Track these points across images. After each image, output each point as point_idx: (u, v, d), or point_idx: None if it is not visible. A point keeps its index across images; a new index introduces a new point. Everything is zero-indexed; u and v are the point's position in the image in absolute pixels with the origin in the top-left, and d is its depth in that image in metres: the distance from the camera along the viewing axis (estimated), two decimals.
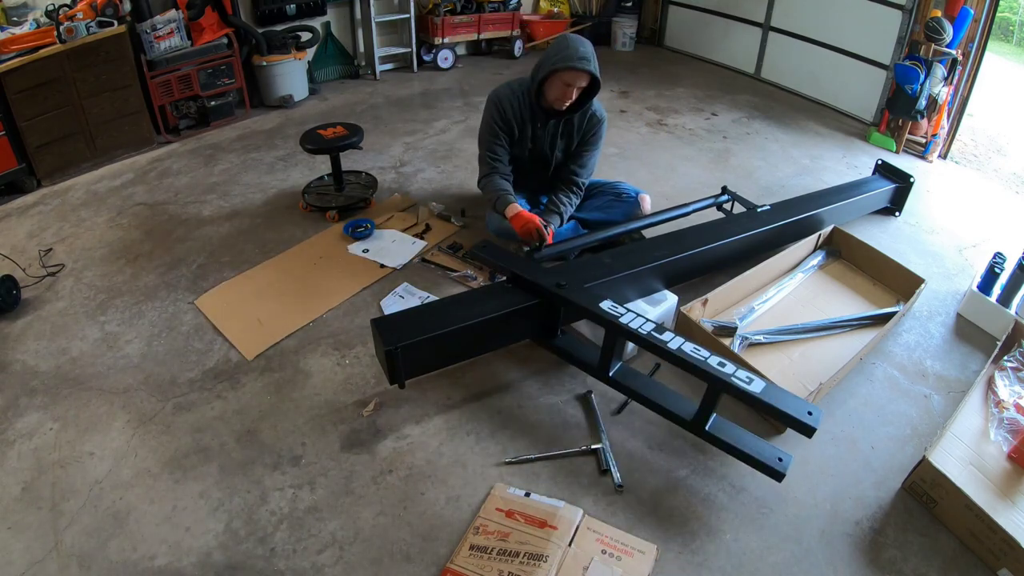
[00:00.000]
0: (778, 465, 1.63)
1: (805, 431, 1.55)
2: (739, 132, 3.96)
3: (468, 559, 1.51)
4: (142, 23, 3.32)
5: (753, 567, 1.54)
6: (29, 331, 2.24)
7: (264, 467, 1.76)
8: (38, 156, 3.09)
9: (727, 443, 1.70)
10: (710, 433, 1.72)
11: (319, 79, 4.54)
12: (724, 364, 1.65)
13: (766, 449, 1.68)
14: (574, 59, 2.10)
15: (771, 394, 1.59)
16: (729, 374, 1.62)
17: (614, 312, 1.82)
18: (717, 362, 1.65)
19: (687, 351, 1.68)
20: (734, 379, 1.61)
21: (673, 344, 1.70)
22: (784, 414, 1.56)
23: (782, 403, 1.57)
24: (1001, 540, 1.51)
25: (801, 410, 1.56)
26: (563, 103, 2.22)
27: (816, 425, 1.53)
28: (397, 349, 1.75)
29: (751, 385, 1.59)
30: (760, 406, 1.60)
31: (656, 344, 1.71)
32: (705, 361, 1.65)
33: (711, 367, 1.64)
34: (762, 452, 1.67)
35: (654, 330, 1.75)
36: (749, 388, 1.59)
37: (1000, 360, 2.07)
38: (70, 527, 1.59)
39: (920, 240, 2.90)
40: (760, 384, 1.60)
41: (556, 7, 5.61)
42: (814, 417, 1.54)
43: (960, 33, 3.38)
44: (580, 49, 2.12)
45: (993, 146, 4.24)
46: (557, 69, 2.14)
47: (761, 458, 1.65)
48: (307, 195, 2.97)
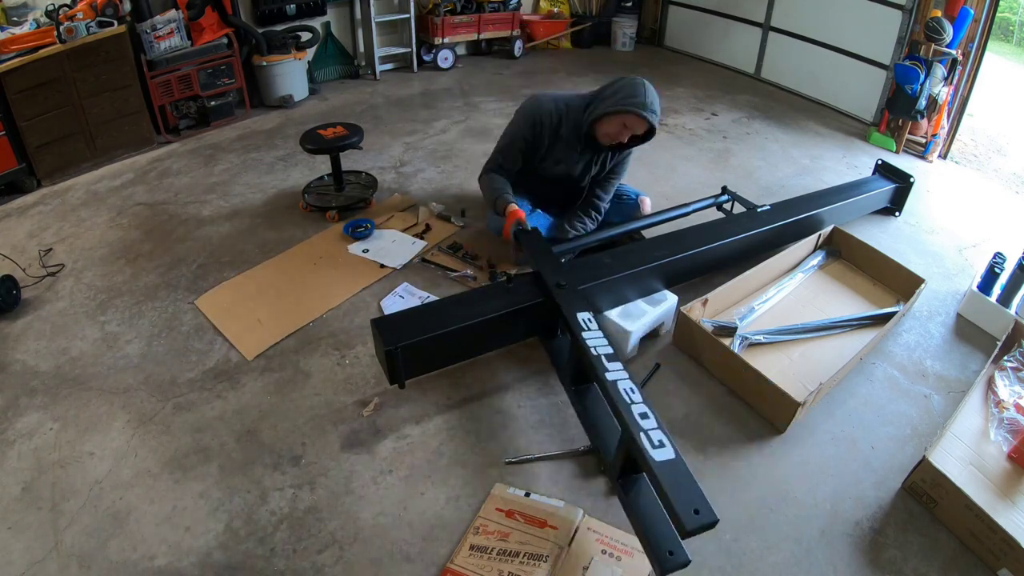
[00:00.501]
0: (665, 559, 1.36)
1: (679, 527, 1.30)
2: (739, 132, 3.96)
3: (468, 559, 1.51)
4: (142, 23, 3.32)
5: (753, 567, 1.54)
6: (29, 331, 2.24)
7: (264, 467, 1.76)
8: (38, 156, 3.09)
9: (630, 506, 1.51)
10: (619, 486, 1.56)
11: (319, 79, 4.54)
12: (647, 417, 1.47)
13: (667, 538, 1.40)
14: (643, 107, 2.09)
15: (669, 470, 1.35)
16: (642, 427, 1.44)
17: (583, 324, 1.77)
18: (640, 411, 1.48)
19: (619, 388, 1.55)
20: (642, 435, 1.42)
21: (611, 376, 1.59)
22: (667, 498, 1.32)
23: (674, 486, 1.32)
24: (1001, 540, 1.51)
25: (689, 504, 1.29)
26: (612, 141, 2.22)
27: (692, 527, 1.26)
28: (397, 349, 1.75)
29: (655, 450, 1.39)
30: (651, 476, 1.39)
31: (596, 368, 1.62)
32: (628, 405, 1.50)
33: (628, 412, 1.48)
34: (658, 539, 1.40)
35: (606, 356, 1.65)
36: (650, 451, 1.38)
37: (1000, 360, 2.08)
38: (70, 527, 1.59)
39: (920, 240, 2.90)
40: (668, 454, 1.38)
41: (556, 7, 5.61)
42: (699, 517, 1.27)
43: (960, 33, 3.38)
44: (648, 98, 2.11)
45: (993, 146, 4.24)
46: (623, 111, 2.11)
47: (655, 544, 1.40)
48: (307, 195, 2.96)
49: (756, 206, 2.60)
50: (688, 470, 1.38)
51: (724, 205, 2.78)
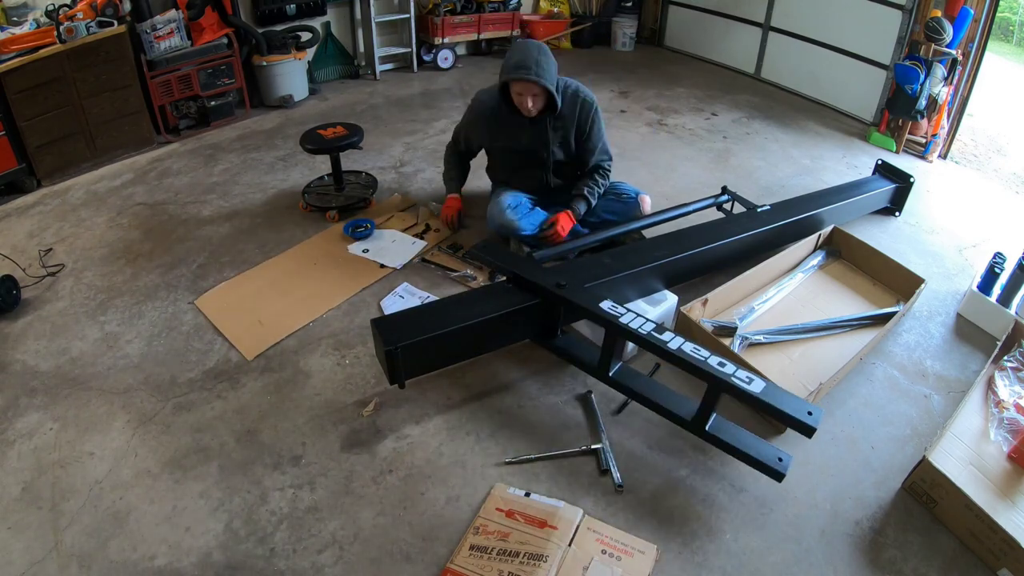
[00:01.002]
0: (778, 465, 1.63)
1: (805, 431, 1.55)
2: (739, 132, 3.96)
3: (468, 559, 1.51)
4: (142, 23, 3.32)
5: (753, 567, 1.55)
6: (29, 331, 2.24)
7: (264, 467, 1.76)
8: (38, 156, 3.09)
9: (727, 443, 1.70)
10: (710, 433, 1.72)
11: (319, 79, 4.54)
12: (724, 364, 1.65)
13: (766, 449, 1.68)
14: (513, 68, 2.13)
15: (771, 394, 1.59)
16: (729, 374, 1.62)
17: (614, 312, 1.82)
18: (717, 362, 1.65)
19: (687, 351, 1.68)
20: (734, 379, 1.61)
21: (673, 344, 1.70)
22: (784, 414, 1.55)
23: (782, 403, 1.57)
24: (1001, 540, 1.51)
25: (801, 410, 1.56)
26: (527, 111, 2.24)
27: (816, 425, 1.53)
28: (397, 349, 1.75)
29: (751, 385, 1.59)
30: (760, 406, 1.60)
31: (656, 344, 1.71)
32: (705, 361, 1.65)
33: (711, 367, 1.64)
34: (762, 452, 1.67)
35: (654, 330, 1.75)
36: (749, 388, 1.59)
37: (1000, 360, 2.07)
38: (70, 527, 1.59)
39: (920, 240, 2.90)
40: (760, 384, 1.60)
41: (556, 7, 5.61)
42: (814, 417, 1.54)
43: (960, 33, 3.38)
44: (520, 57, 2.13)
45: (993, 146, 4.24)
46: (507, 81, 2.18)
47: (761, 458, 1.65)
48: (307, 195, 2.97)
49: (756, 206, 2.60)
50: (782, 389, 1.61)
51: (724, 205, 2.78)
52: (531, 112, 2.24)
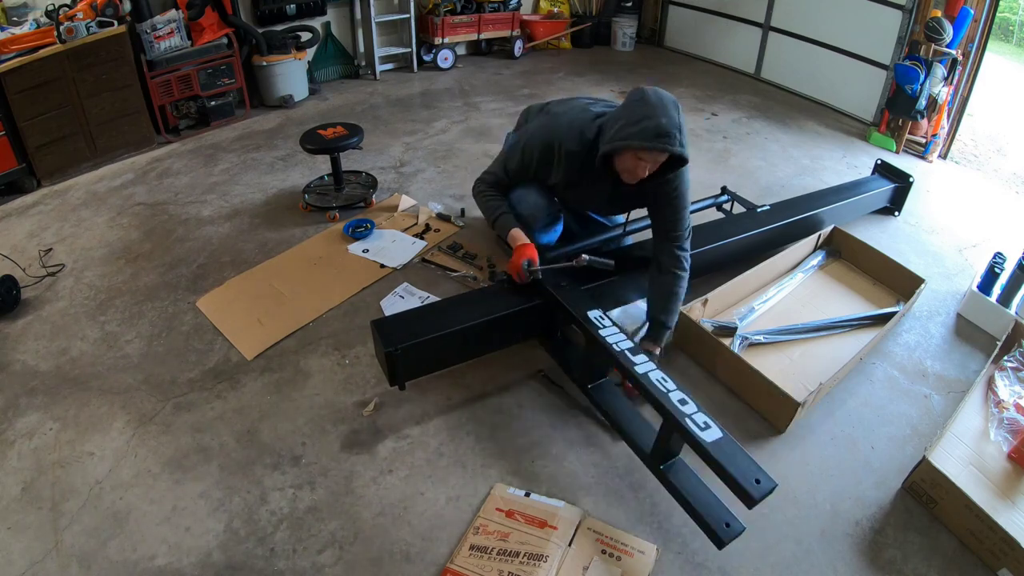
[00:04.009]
0: (722, 530, 1.48)
1: (747, 500, 1.37)
2: (739, 132, 3.96)
3: (468, 559, 1.51)
4: (142, 23, 3.32)
5: (753, 567, 1.54)
6: (29, 331, 2.24)
7: (264, 467, 1.76)
8: (38, 156, 3.09)
9: (676, 489, 1.58)
10: (662, 473, 1.62)
11: (319, 79, 4.54)
12: (686, 403, 1.52)
13: (716, 510, 1.52)
14: (653, 137, 1.62)
15: (723, 449, 1.42)
16: (685, 413, 1.49)
17: (597, 323, 1.78)
18: (679, 398, 1.53)
19: (652, 379, 1.59)
20: (688, 420, 1.48)
21: (641, 368, 1.62)
22: (728, 474, 1.38)
23: (731, 462, 1.40)
24: (1001, 540, 1.51)
25: (749, 476, 1.38)
26: (633, 178, 1.76)
27: (759, 496, 1.35)
28: (397, 351, 1.75)
29: (704, 432, 1.45)
30: (707, 458, 1.43)
31: (624, 364, 1.64)
32: (666, 394, 1.54)
33: (669, 401, 1.52)
34: (710, 511, 1.51)
35: (628, 350, 1.69)
36: (700, 435, 1.44)
37: (1000, 360, 2.08)
38: (70, 527, 1.59)
39: (920, 240, 2.90)
40: (716, 433, 1.45)
41: (556, 7, 5.61)
42: (761, 486, 1.36)
43: (960, 33, 3.38)
44: (663, 121, 1.61)
45: (993, 146, 4.24)
46: (628, 146, 1.67)
47: (707, 518, 1.50)
48: (307, 195, 2.97)
49: (756, 206, 2.60)
50: (738, 445, 1.44)
51: (724, 205, 2.78)
52: (635, 179, 1.76)
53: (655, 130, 1.61)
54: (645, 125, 1.62)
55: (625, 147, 1.67)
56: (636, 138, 1.64)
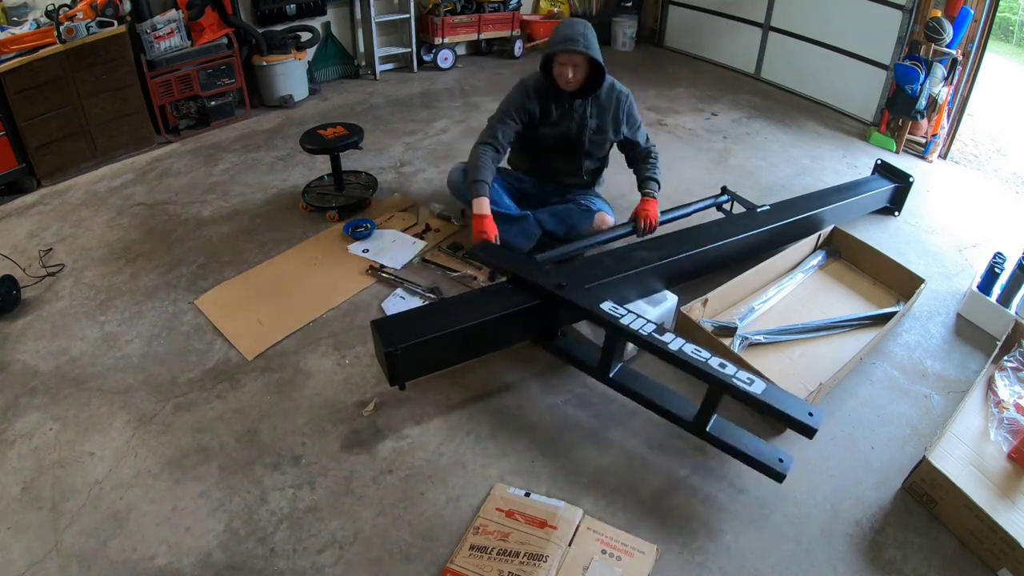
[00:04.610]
0: (778, 466, 1.64)
1: (806, 432, 1.55)
2: (739, 132, 3.96)
3: (468, 559, 1.51)
4: (142, 23, 3.32)
5: (753, 567, 1.55)
6: (29, 331, 2.24)
7: (264, 467, 1.76)
8: (38, 156, 3.09)
9: (728, 444, 1.70)
10: (711, 434, 1.72)
11: (319, 79, 4.53)
12: (725, 365, 1.65)
13: (767, 450, 1.69)
14: (562, 41, 2.18)
15: (772, 395, 1.59)
16: (730, 375, 1.62)
17: (615, 313, 1.81)
18: (718, 363, 1.65)
19: (688, 352, 1.68)
20: (735, 380, 1.61)
21: (674, 345, 1.70)
22: (785, 415, 1.55)
23: (783, 404, 1.57)
24: (1001, 540, 1.51)
25: (802, 411, 1.56)
26: (567, 83, 2.26)
27: (816, 426, 1.53)
28: (397, 351, 1.75)
29: (752, 386, 1.59)
30: (761, 407, 1.60)
31: (657, 345, 1.71)
32: (706, 362, 1.65)
33: (712, 368, 1.64)
34: (763, 453, 1.67)
35: (655, 331, 1.75)
36: (750, 389, 1.59)
37: (1000, 360, 2.08)
38: (70, 527, 1.59)
39: (920, 240, 2.90)
40: (761, 385, 1.60)
41: (556, 7, 5.61)
42: (815, 418, 1.54)
43: (960, 33, 3.38)
44: (569, 31, 2.19)
45: (993, 146, 4.24)
46: (550, 54, 2.22)
47: (762, 459, 1.65)
48: (307, 195, 2.97)
49: (756, 206, 2.60)
50: (782, 389, 1.61)
51: (724, 205, 2.78)
52: (570, 84, 2.26)
53: (563, 37, 2.18)
54: (557, 37, 2.21)
55: (548, 54, 2.23)
56: (552, 46, 2.21)
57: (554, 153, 2.49)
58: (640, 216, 2.40)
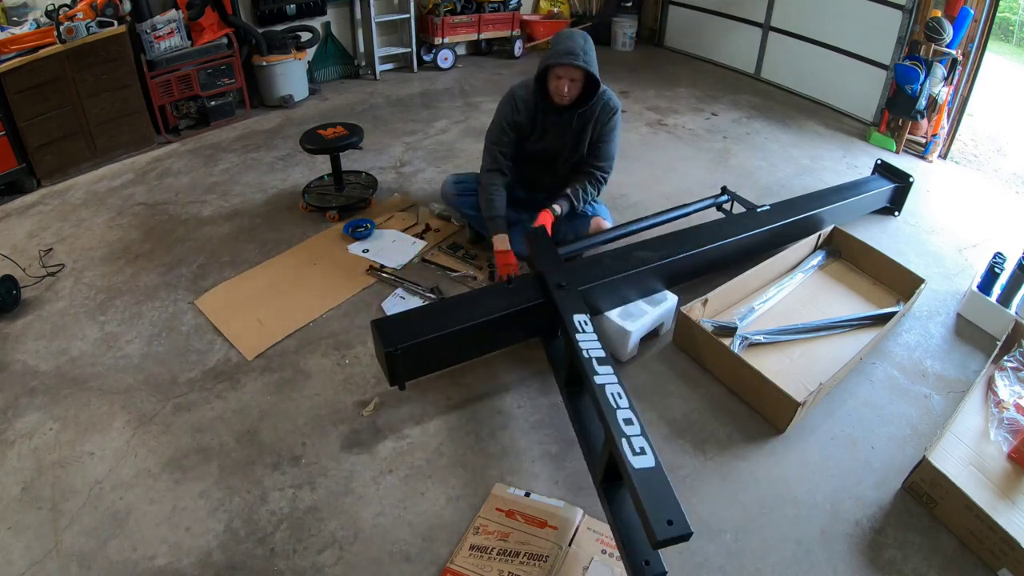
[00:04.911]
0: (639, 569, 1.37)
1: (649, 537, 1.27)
2: (739, 132, 3.96)
3: (468, 559, 1.51)
4: (142, 23, 3.32)
5: (753, 567, 1.54)
6: (29, 331, 2.24)
7: (264, 467, 1.76)
8: (38, 156, 3.09)
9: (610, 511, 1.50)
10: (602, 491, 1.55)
11: (319, 79, 4.53)
12: (631, 423, 1.45)
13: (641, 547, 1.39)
14: (562, 54, 2.14)
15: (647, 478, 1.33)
16: (624, 433, 1.42)
17: (578, 327, 1.76)
18: (625, 417, 1.46)
19: (607, 392, 1.53)
20: (623, 440, 1.40)
21: (599, 380, 1.57)
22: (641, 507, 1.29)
23: (650, 495, 1.30)
24: (1001, 540, 1.51)
25: (662, 514, 1.26)
26: (561, 97, 2.23)
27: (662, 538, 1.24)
28: (397, 351, 1.75)
29: (635, 457, 1.37)
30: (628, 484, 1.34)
31: (585, 370, 1.61)
32: (613, 410, 1.48)
33: (612, 417, 1.46)
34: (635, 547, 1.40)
35: (597, 360, 1.63)
36: (630, 458, 1.36)
37: (1000, 360, 2.08)
38: (70, 527, 1.59)
39: (920, 240, 2.90)
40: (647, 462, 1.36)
41: (556, 7, 5.61)
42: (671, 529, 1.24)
43: (960, 33, 3.38)
44: (569, 44, 2.16)
45: (993, 146, 4.24)
46: (549, 65, 2.19)
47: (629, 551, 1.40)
48: (307, 195, 2.97)
49: (756, 206, 2.60)
50: (667, 479, 1.34)
51: (724, 205, 2.78)
52: (564, 99, 2.23)
53: (563, 51, 2.15)
54: (556, 50, 2.17)
55: (546, 67, 2.19)
56: (550, 58, 2.17)
57: (537, 167, 2.48)
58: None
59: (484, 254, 2.60)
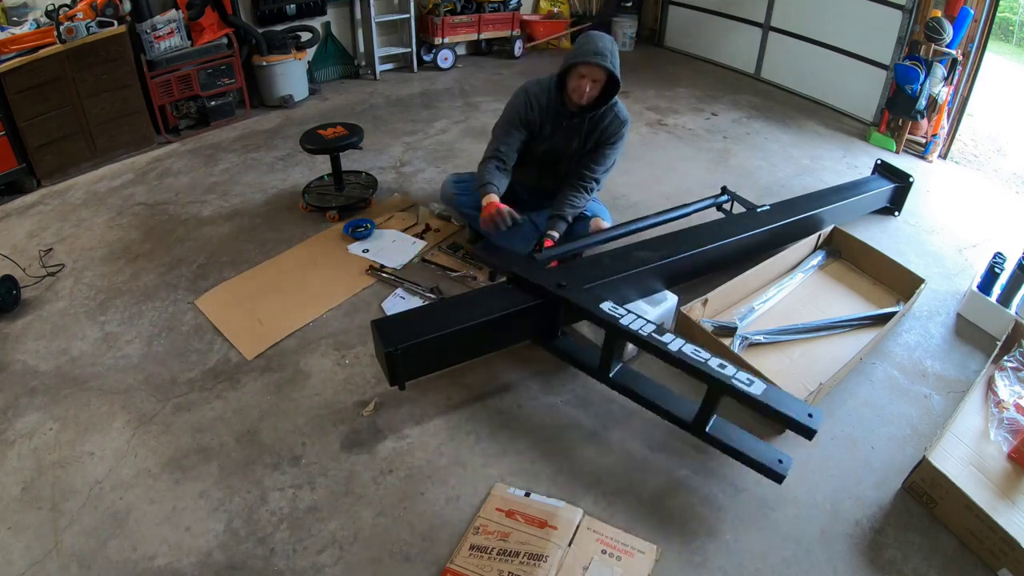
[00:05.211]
0: (778, 467, 1.63)
1: (806, 433, 1.55)
2: (739, 132, 3.96)
3: (468, 559, 1.51)
4: (142, 23, 3.32)
5: (753, 567, 1.55)
6: (29, 331, 2.24)
7: (264, 467, 1.76)
8: (38, 156, 3.09)
9: (728, 445, 1.70)
10: (710, 435, 1.72)
11: (319, 79, 4.54)
12: (724, 366, 1.64)
13: (766, 451, 1.68)
14: (589, 54, 2.14)
15: (772, 396, 1.59)
16: (730, 376, 1.62)
17: (614, 313, 1.81)
18: (718, 364, 1.65)
19: (688, 352, 1.68)
20: (735, 381, 1.61)
21: (674, 346, 1.70)
22: (785, 416, 1.55)
23: (783, 405, 1.57)
24: (1001, 540, 1.51)
25: (802, 412, 1.56)
26: (580, 96, 2.22)
27: (816, 427, 1.53)
28: (397, 351, 1.74)
29: (751, 387, 1.59)
30: (761, 408, 1.59)
31: (657, 346, 1.71)
32: (706, 363, 1.65)
33: (712, 369, 1.64)
34: (762, 454, 1.67)
35: (655, 332, 1.75)
36: (750, 390, 1.59)
37: (1000, 360, 2.08)
38: (70, 527, 1.59)
39: (920, 240, 2.90)
40: (761, 386, 1.60)
41: (556, 7, 5.61)
42: (814, 419, 1.54)
43: (960, 33, 3.38)
44: (598, 44, 2.16)
45: (993, 146, 4.24)
46: (574, 63, 2.18)
47: (761, 460, 1.65)
48: (307, 195, 2.97)
49: (756, 206, 2.60)
50: (782, 390, 1.62)
51: (724, 205, 2.78)
52: (583, 99, 2.22)
53: (591, 50, 2.14)
54: (584, 49, 2.16)
55: (570, 65, 2.18)
56: (577, 56, 2.16)
57: (542, 168, 2.47)
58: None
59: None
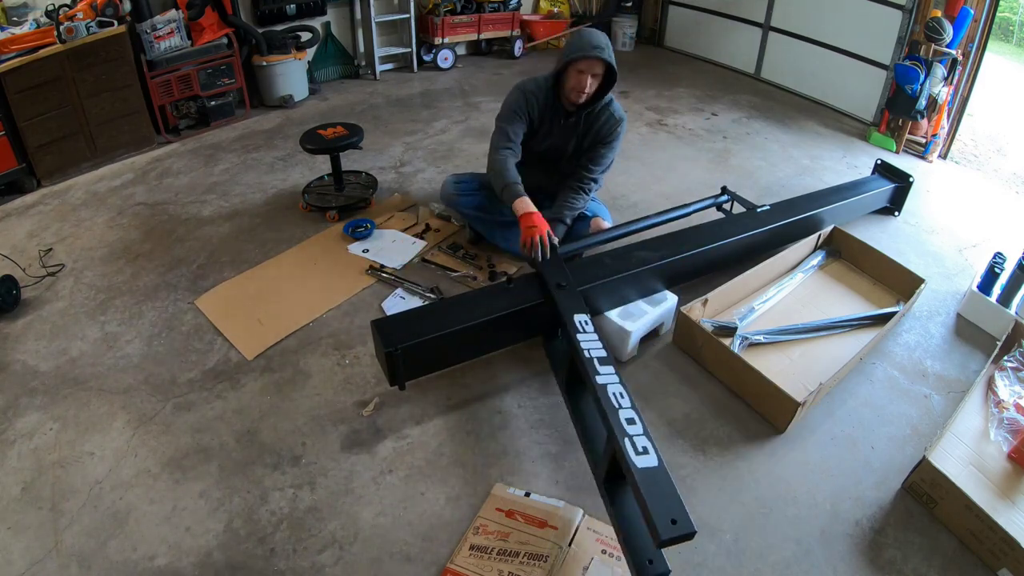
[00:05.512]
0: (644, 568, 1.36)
1: (654, 536, 1.27)
2: (739, 132, 3.96)
3: (468, 559, 1.51)
4: (142, 23, 3.32)
5: (753, 567, 1.54)
6: (29, 331, 2.24)
7: (264, 467, 1.76)
8: (38, 156, 3.09)
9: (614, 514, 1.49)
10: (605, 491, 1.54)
11: (319, 79, 4.54)
12: (633, 423, 1.46)
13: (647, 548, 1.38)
14: (587, 48, 2.13)
15: (651, 478, 1.33)
16: (626, 432, 1.43)
17: (579, 327, 1.76)
18: (627, 417, 1.47)
19: (608, 392, 1.54)
20: (626, 440, 1.41)
21: (601, 380, 1.58)
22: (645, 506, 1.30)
23: (653, 494, 1.30)
24: (1001, 540, 1.51)
25: (666, 513, 1.27)
26: (580, 93, 2.21)
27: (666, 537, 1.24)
28: (397, 351, 1.75)
29: (638, 456, 1.37)
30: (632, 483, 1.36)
31: (587, 371, 1.62)
32: (616, 409, 1.49)
33: (615, 417, 1.47)
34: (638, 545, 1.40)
35: (599, 360, 1.64)
36: (633, 457, 1.37)
37: (1000, 360, 2.08)
38: (70, 527, 1.59)
39: (920, 240, 2.90)
40: (650, 461, 1.37)
41: (556, 7, 5.61)
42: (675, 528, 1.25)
43: (960, 33, 3.38)
44: (593, 39, 2.16)
45: (993, 146, 4.24)
46: (572, 59, 2.17)
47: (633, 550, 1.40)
48: (307, 195, 2.96)
49: (756, 206, 2.60)
50: (670, 478, 1.35)
51: (724, 205, 2.78)
52: (583, 95, 2.21)
53: (588, 44, 2.14)
54: (580, 44, 2.16)
55: (568, 61, 2.16)
56: (576, 52, 2.15)
57: (540, 167, 2.46)
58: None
59: (484, 254, 2.60)
